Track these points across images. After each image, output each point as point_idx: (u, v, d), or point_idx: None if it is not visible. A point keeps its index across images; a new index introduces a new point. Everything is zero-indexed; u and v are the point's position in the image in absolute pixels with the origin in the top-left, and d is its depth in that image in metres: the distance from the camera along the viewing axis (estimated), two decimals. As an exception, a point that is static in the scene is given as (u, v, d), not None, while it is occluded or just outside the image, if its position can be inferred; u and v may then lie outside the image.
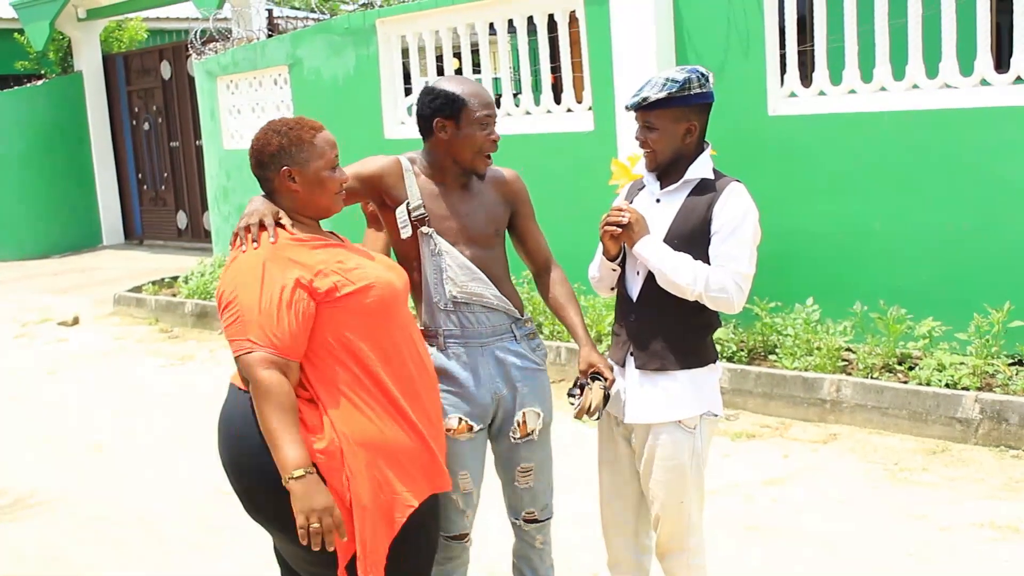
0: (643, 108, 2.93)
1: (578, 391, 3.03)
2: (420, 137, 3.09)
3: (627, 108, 2.98)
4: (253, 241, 2.64)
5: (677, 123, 2.94)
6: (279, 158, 2.71)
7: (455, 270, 3.01)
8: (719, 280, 2.88)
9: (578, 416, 3.00)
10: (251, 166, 2.78)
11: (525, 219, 3.22)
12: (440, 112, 2.99)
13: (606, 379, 3.00)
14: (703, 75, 2.93)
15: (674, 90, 2.89)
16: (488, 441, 3.17)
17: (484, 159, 3.05)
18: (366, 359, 2.66)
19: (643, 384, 3.02)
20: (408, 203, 3.01)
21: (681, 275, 2.88)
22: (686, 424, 2.99)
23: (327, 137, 2.75)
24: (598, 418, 3.05)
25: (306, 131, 2.72)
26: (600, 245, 3.07)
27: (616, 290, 3.14)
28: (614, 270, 3.09)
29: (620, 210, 2.97)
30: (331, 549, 2.49)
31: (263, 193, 2.79)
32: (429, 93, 3.02)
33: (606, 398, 3.00)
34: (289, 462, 2.45)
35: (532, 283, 7.16)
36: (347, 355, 2.64)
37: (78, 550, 4.50)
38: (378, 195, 3.05)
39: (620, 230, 2.95)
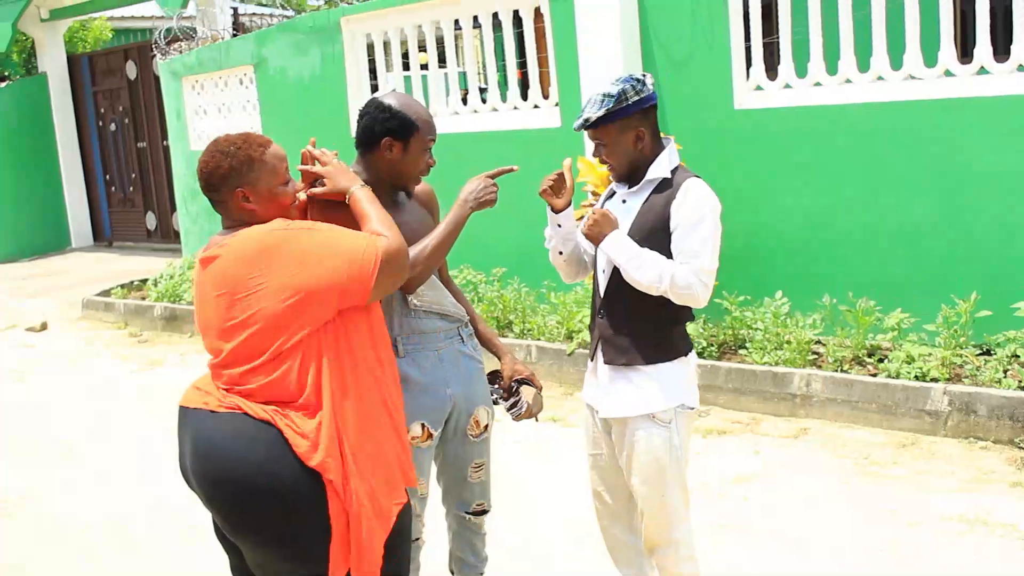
0: (589, 127, 3.02)
1: (504, 394, 3.26)
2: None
3: (575, 129, 3.07)
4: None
5: (623, 134, 3.02)
6: (231, 179, 2.68)
7: None
8: (684, 277, 2.93)
9: (523, 417, 3.23)
10: (201, 187, 2.73)
11: None
12: (392, 133, 2.99)
13: (536, 384, 3.27)
14: (638, 80, 3.00)
15: (611, 105, 2.97)
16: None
17: (418, 180, 3.11)
18: (366, 348, 2.66)
19: (613, 379, 3.10)
20: None
21: (645, 273, 2.95)
22: (660, 419, 3.03)
23: (276, 152, 2.72)
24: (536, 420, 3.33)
25: (255, 149, 2.68)
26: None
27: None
28: (559, 225, 3.16)
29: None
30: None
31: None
32: (384, 111, 3.00)
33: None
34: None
35: (501, 281, 7.15)
36: (348, 343, 2.62)
37: (42, 554, 4.45)
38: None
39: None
